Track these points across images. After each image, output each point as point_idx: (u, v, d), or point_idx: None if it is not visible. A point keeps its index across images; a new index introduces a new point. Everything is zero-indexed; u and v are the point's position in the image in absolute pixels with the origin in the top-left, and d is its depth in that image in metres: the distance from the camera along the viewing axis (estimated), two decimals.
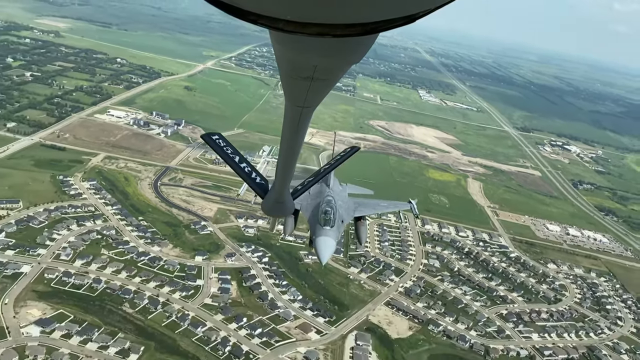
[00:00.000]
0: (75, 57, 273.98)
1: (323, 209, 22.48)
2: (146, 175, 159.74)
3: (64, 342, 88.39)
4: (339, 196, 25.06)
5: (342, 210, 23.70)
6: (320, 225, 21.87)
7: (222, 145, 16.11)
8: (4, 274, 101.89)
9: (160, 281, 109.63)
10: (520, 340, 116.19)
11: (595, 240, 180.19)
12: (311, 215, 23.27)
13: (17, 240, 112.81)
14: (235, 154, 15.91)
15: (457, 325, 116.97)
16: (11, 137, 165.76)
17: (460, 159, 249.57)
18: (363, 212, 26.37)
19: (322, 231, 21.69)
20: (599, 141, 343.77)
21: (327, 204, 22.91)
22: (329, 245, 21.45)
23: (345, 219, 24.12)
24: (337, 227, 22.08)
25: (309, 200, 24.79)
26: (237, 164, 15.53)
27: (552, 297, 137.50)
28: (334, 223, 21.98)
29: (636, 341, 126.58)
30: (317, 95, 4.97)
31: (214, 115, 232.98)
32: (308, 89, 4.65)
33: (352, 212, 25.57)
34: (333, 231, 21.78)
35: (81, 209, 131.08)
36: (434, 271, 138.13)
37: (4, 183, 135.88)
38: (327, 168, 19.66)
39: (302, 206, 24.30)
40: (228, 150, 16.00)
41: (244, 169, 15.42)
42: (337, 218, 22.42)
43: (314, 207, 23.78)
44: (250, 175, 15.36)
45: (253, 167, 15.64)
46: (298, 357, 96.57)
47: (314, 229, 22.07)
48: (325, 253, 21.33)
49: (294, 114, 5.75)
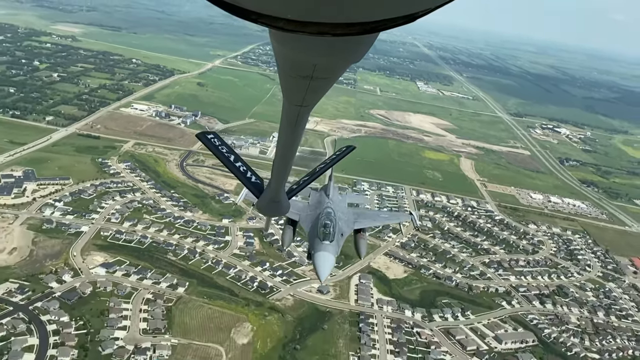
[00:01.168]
0: (94, 59, 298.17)
1: (322, 222, 22.36)
2: (172, 158, 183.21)
3: (125, 279, 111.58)
4: (338, 207, 25.05)
5: (341, 223, 23.63)
6: (320, 240, 21.72)
7: (217, 144, 15.64)
8: (68, 232, 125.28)
9: (196, 237, 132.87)
10: (499, 281, 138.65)
11: (575, 206, 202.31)
12: (310, 228, 23.23)
13: (73, 208, 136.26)
14: (230, 153, 15.51)
15: (446, 269, 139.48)
16: (51, 129, 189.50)
17: (455, 142, 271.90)
18: (363, 224, 26.28)
19: (321, 246, 21.53)
20: (589, 124, 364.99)
21: (326, 216, 22.79)
22: (328, 261, 21.26)
23: (345, 231, 23.89)
24: (336, 241, 21.92)
25: (308, 211, 24.92)
26: (232, 163, 15.15)
27: (530, 249, 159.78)
28: (333, 237, 21.82)
29: (601, 282, 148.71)
30: (315, 94, 5.08)
31: (226, 107, 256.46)
32: (307, 88, 4.75)
33: (351, 224, 25.42)
34: (332, 246, 21.62)
35: (121, 184, 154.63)
36: (427, 230, 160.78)
37: (54, 165, 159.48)
38: (322, 167, 19.44)
39: (300, 217, 24.49)
40: (223, 149, 15.55)
41: (239, 168, 15.05)
42: (337, 232, 22.25)
43: (313, 219, 23.74)
44: (246, 174, 14.92)
45: (248, 166, 15.32)
46: (312, 290, 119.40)
47: (313, 243, 21.97)
48: (325, 270, 21.14)
49: (292, 113, 5.84)
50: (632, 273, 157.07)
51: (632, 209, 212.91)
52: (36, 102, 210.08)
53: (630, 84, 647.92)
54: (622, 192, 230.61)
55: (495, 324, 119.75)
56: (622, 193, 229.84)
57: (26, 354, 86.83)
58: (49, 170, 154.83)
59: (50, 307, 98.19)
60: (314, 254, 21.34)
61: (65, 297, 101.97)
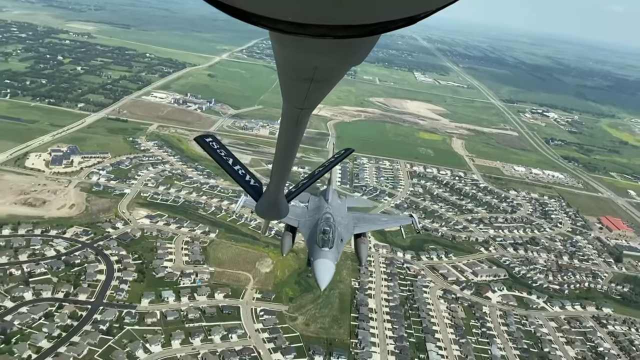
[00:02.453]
0: (111, 54, 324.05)
1: (321, 229, 22.33)
2: (192, 137, 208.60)
3: (166, 227, 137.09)
4: (338, 212, 25.07)
5: (341, 228, 23.52)
6: (319, 247, 21.68)
7: (216, 148, 15.39)
8: (114, 194, 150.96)
9: (220, 198, 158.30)
10: (479, 233, 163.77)
11: (554, 177, 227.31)
12: (309, 234, 23.28)
13: (115, 175, 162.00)
14: (229, 156, 15.25)
15: (433, 224, 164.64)
16: (84, 114, 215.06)
17: (448, 125, 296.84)
18: (363, 228, 26.26)
19: (320, 253, 21.47)
20: (578, 109, 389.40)
21: (325, 222, 22.75)
22: (328, 269, 21.18)
23: (344, 237, 23.86)
24: (336, 247, 21.88)
25: (307, 216, 25.17)
26: (231, 166, 14.91)
27: (509, 210, 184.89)
28: (332, 244, 21.76)
29: (570, 235, 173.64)
30: (316, 96, 5.08)
31: (236, 95, 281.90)
32: (307, 90, 4.76)
33: (351, 229, 25.38)
34: (332, 252, 21.56)
35: (152, 158, 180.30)
36: (418, 195, 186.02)
37: (92, 142, 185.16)
38: (321, 170, 19.31)
39: (299, 223, 24.76)
40: (222, 152, 15.30)
41: (237, 171, 14.83)
42: (336, 237, 22.20)
43: (312, 225, 23.75)
44: (244, 177, 14.69)
45: (247, 169, 15.11)
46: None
47: (312, 250, 21.94)
48: (324, 277, 21.01)
49: (292, 116, 5.85)
50: (598, 229, 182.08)
51: (607, 179, 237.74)
52: (67, 92, 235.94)
53: (625, 73, 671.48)
54: (600, 166, 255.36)
55: (474, 263, 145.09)
56: (600, 167, 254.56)
57: (98, 275, 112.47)
58: (89, 146, 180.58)
59: (110, 245, 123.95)
60: (313, 261, 21.39)
61: (120, 238, 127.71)
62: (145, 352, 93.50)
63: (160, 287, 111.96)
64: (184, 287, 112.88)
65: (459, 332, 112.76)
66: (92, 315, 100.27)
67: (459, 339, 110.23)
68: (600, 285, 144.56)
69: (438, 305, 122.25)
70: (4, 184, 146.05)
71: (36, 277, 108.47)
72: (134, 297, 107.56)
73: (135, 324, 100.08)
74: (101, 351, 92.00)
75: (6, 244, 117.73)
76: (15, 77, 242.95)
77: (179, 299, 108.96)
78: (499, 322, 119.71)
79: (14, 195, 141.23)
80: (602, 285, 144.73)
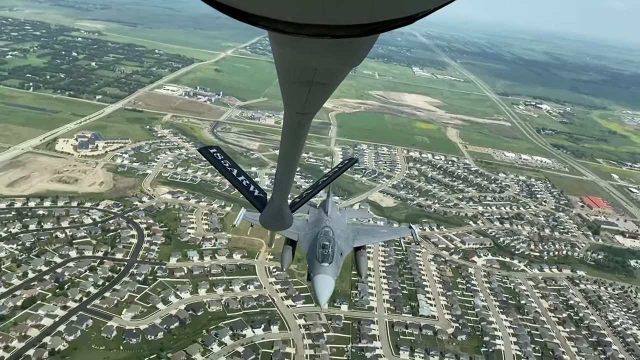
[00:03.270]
0: (122, 50, 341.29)
1: (321, 243, 22.45)
2: (204, 126, 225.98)
3: (186, 201, 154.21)
4: (337, 224, 25.33)
5: (341, 241, 23.73)
6: (319, 262, 21.81)
7: (220, 159, 15.62)
8: (137, 173, 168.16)
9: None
10: (469, 209, 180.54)
11: (542, 162, 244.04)
12: (309, 249, 23.54)
13: (137, 158, 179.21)
14: (233, 167, 15.50)
15: (427, 201, 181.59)
16: (102, 105, 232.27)
17: (444, 116, 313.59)
18: (363, 241, 26.48)
19: (320, 269, 21.62)
20: (570, 101, 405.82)
21: (324, 236, 22.91)
22: (327, 285, 21.35)
23: (344, 250, 24.01)
24: (335, 262, 22.07)
25: (307, 229, 25.42)
26: (235, 177, 15.10)
27: (498, 190, 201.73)
28: (332, 259, 21.90)
29: (553, 212, 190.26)
30: (316, 101, 5.10)
31: (242, 89, 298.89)
32: (308, 94, 4.76)
33: (351, 242, 25.61)
34: (332, 267, 21.71)
35: (169, 144, 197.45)
36: (414, 176, 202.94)
37: (113, 130, 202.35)
38: (325, 180, 19.50)
39: (299, 237, 25.03)
40: (226, 163, 15.56)
41: (242, 182, 15.01)
42: (336, 252, 22.37)
43: (311, 238, 24.03)
44: (249, 188, 14.81)
45: (251, 179, 15.22)
46: None
47: (312, 265, 22.08)
48: (324, 294, 21.19)
49: (293, 122, 5.86)
50: (579, 207, 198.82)
51: (593, 164, 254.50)
52: (84, 85, 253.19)
53: (621, 68, 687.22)
54: (587, 153, 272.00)
55: (462, 234, 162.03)
56: (587, 154, 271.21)
57: (131, 239, 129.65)
58: (110, 133, 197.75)
59: (138, 215, 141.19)
60: (313, 277, 21.75)
61: (147, 210, 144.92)
62: (176, 298, 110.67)
63: (185, 248, 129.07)
64: (206, 249, 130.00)
65: (446, 286, 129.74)
66: (128, 270, 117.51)
67: (446, 292, 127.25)
68: (577, 253, 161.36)
69: (429, 266, 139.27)
70: (39, 165, 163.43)
71: (78, 239, 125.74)
72: (163, 257, 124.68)
73: (166, 277, 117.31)
74: (139, 296, 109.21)
75: (49, 213, 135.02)
76: (36, 72, 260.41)
77: (202, 258, 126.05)
78: (482, 280, 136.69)
79: (49, 174, 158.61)
80: (579, 253, 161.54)
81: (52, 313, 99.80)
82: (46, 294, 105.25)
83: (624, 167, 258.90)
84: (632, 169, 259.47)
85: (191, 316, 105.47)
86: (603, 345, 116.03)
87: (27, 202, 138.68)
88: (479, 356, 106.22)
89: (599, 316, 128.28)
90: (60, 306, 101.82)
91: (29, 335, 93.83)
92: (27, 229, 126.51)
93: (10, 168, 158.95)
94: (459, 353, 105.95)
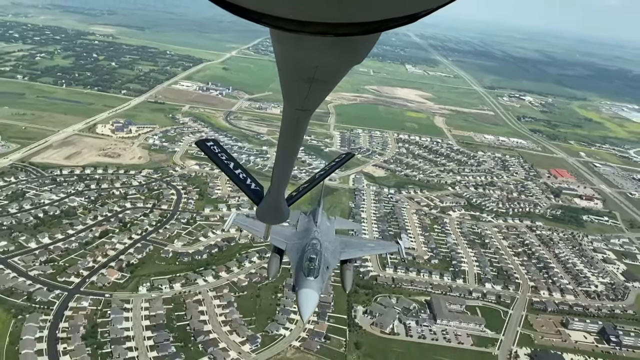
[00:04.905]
0: (137, 52, 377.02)
1: (308, 256, 22.71)
2: (219, 115, 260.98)
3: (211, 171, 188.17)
4: (326, 235, 25.69)
5: (328, 254, 23.97)
6: (304, 275, 22.10)
7: (217, 152, 15.75)
8: (167, 151, 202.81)
9: (248, 154, 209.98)
10: (448, 178, 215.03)
11: (518, 142, 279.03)
12: (296, 260, 23.76)
13: (165, 139, 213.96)
14: (230, 160, 15.64)
15: (412, 173, 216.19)
16: (128, 98, 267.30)
17: (433, 107, 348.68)
18: (350, 254, 26.96)
19: (305, 282, 21.86)
20: (553, 94, 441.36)
21: (312, 248, 23.20)
22: (311, 299, 21.59)
23: (331, 263, 24.26)
24: (321, 276, 22.40)
25: (295, 239, 25.68)
26: (232, 170, 15.24)
27: (475, 164, 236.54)
28: (318, 272, 22.23)
29: (522, 181, 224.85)
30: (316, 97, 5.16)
31: (249, 84, 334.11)
32: (308, 90, 4.81)
33: (338, 255, 25.92)
34: (317, 282, 21.95)
35: (190, 128, 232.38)
36: (402, 154, 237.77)
37: (142, 118, 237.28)
38: (322, 174, 19.59)
39: (287, 246, 25.28)
40: (223, 156, 15.69)
41: (238, 175, 15.15)
42: (322, 265, 22.62)
43: (299, 249, 24.31)
44: (245, 181, 14.96)
45: (248, 173, 15.38)
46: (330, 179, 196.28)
47: (298, 278, 22.29)
48: (307, 309, 21.43)
49: (293, 118, 5.97)
50: (546, 177, 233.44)
51: (565, 145, 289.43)
52: (109, 82, 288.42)
53: (608, 64, 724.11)
54: (561, 137, 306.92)
55: (441, 195, 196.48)
56: (561, 137, 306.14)
57: (171, 196, 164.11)
58: (139, 120, 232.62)
59: (174, 180, 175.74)
60: (297, 291, 22.04)
61: (180, 176, 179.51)
62: (213, 234, 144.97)
63: (215, 203, 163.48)
64: (232, 203, 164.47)
65: (425, 230, 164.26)
66: (173, 215, 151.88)
67: (424, 233, 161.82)
68: (539, 210, 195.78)
69: (411, 217, 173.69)
70: (86, 144, 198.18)
71: (130, 195, 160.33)
72: (199, 208, 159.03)
73: (203, 220, 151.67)
74: (185, 232, 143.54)
75: (103, 177, 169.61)
76: (65, 71, 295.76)
77: (229, 209, 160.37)
78: (455, 226, 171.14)
79: (96, 150, 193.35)
80: (540, 210, 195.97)
81: (122, 241, 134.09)
82: (114, 229, 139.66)
83: (592, 148, 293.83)
84: (600, 149, 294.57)
85: (226, 245, 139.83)
86: (547, 269, 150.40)
87: (83, 170, 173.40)
88: (447, 273, 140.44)
89: (548, 251, 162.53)
90: (127, 237, 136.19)
91: (109, 254, 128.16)
92: (89, 187, 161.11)
93: (64, 146, 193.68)
94: (432, 270, 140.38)
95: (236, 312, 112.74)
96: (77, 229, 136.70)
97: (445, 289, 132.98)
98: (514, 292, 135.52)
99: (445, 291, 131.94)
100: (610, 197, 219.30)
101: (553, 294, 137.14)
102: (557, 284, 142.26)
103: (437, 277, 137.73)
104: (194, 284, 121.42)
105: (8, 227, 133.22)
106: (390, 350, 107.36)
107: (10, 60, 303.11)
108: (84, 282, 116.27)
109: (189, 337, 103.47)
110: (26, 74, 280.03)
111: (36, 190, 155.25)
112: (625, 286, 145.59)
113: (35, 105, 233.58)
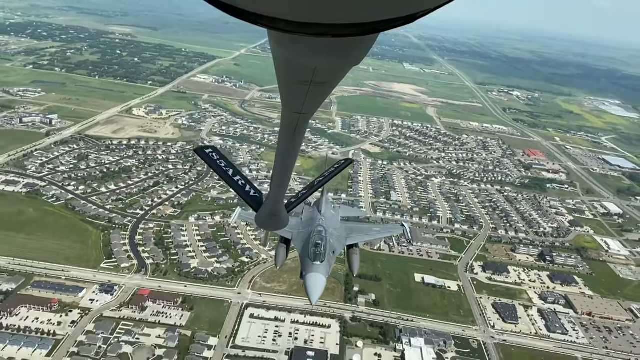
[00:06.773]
0: (155, 49, 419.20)
1: (313, 242, 23.62)
2: (234, 102, 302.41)
3: (233, 145, 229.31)
4: (330, 222, 26.63)
5: (333, 240, 24.96)
6: (310, 261, 22.98)
7: (216, 159, 15.91)
8: (194, 129, 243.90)
9: (262, 133, 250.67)
10: (433, 155, 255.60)
11: (499, 129, 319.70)
12: (302, 247, 24.70)
13: (192, 120, 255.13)
14: (229, 166, 15.83)
15: (403, 150, 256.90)
16: (154, 88, 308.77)
17: (426, 99, 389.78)
18: (355, 239, 27.75)
19: (312, 267, 22.74)
20: (540, 90, 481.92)
21: (317, 235, 24.11)
22: (319, 283, 22.47)
23: (337, 249, 25.13)
24: (327, 261, 23.31)
25: (300, 228, 26.45)
26: (231, 177, 15.50)
27: (459, 145, 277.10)
28: (324, 257, 23.14)
29: (498, 159, 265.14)
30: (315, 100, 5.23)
31: (259, 78, 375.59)
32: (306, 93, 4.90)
33: (344, 240, 26.87)
34: (323, 266, 22.84)
35: (211, 112, 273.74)
36: (396, 136, 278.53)
37: (169, 103, 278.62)
38: (321, 180, 19.93)
39: (293, 235, 26.08)
40: (221, 163, 15.83)
41: (237, 182, 15.46)
42: (328, 250, 23.60)
43: (304, 237, 25.16)
44: (244, 188, 15.29)
45: (247, 179, 15.75)
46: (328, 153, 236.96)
47: (304, 264, 23.15)
48: (315, 292, 22.24)
49: (291, 121, 6.01)
50: (520, 155, 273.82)
51: (542, 132, 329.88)
52: (136, 75, 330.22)
53: (600, 64, 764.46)
54: (541, 125, 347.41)
55: (427, 167, 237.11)
56: (541, 125, 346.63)
57: None
58: (168, 105, 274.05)
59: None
60: (305, 275, 22.94)
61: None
62: None
63: (240, 167, 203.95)
64: (253, 168, 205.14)
65: (410, 189, 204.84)
66: (207, 174, 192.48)
67: (409, 191, 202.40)
68: (510, 180, 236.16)
69: (400, 181, 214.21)
70: (126, 123, 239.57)
71: (171, 160, 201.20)
72: None
73: None
74: (218, 185, 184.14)
75: (145, 148, 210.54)
76: (95, 65, 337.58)
77: (251, 172, 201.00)
78: (436, 188, 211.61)
79: (136, 127, 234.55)
80: (511, 179, 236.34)
81: (171, 190, 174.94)
82: (163, 182, 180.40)
83: (567, 135, 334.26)
84: (575, 135, 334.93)
85: None
86: (508, 217, 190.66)
87: (129, 141, 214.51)
88: (426, 216, 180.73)
89: (511, 206, 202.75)
90: (174, 187, 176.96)
91: (162, 197, 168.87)
92: (137, 153, 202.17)
93: (109, 124, 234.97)
94: (413, 215, 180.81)
95: (263, 232, 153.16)
96: (134, 181, 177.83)
97: (423, 227, 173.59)
98: (477, 230, 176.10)
99: (422, 227, 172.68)
100: (574, 171, 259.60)
101: (508, 233, 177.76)
102: (513, 227, 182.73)
103: (417, 219, 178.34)
104: (229, 217, 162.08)
105: (82, 177, 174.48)
106: (377, 259, 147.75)
107: (46, 55, 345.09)
108: (147, 214, 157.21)
109: (230, 246, 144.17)
110: (63, 67, 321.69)
111: (96, 154, 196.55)
112: (569, 230, 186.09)
113: (77, 92, 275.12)
